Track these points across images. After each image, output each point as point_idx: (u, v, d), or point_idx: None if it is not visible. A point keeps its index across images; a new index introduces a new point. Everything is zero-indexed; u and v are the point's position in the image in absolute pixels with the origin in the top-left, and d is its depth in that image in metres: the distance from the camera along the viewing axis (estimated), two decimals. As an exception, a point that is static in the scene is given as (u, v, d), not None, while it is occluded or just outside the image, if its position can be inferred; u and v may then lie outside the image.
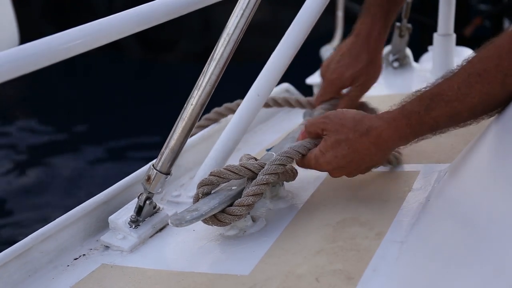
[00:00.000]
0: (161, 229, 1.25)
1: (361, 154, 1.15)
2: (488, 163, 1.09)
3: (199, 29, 5.78)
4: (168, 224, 1.25)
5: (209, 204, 1.13)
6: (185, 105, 1.19)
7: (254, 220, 1.18)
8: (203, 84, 1.18)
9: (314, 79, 1.96)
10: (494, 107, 1.11)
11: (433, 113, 1.10)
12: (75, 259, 1.20)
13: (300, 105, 1.65)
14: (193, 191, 1.37)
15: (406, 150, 1.42)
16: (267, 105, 1.65)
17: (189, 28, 5.83)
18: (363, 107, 1.55)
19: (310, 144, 1.21)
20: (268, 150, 1.34)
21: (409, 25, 1.97)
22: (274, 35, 1.45)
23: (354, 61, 1.51)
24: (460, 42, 2.02)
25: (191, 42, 5.82)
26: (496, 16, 5.98)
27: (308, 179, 1.34)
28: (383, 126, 1.13)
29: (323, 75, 1.57)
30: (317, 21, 1.39)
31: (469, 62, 1.10)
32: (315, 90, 1.95)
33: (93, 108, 5.45)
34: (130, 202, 1.27)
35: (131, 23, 1.08)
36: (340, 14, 3.63)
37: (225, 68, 1.18)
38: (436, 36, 1.94)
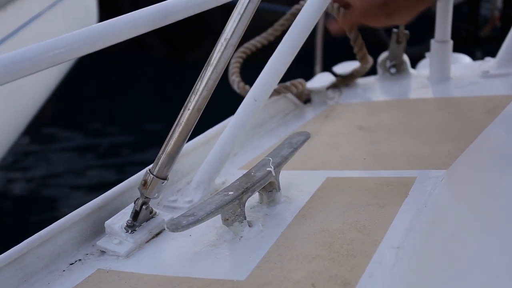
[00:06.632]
0: (157, 234, 1.25)
1: None
2: (485, 169, 1.09)
3: (222, 29, 5.76)
4: (164, 229, 1.25)
5: (206, 209, 1.13)
6: (182, 110, 1.19)
7: (250, 225, 1.18)
8: (200, 89, 1.17)
9: (313, 84, 1.97)
10: None
11: None
12: (71, 264, 1.19)
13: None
14: (189, 196, 1.38)
15: (403, 157, 1.43)
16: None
17: (212, 27, 5.83)
18: None
19: None
20: None
21: (407, 32, 1.98)
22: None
23: None
24: (476, 41, 2.04)
25: (214, 42, 5.79)
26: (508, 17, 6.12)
27: (305, 184, 1.34)
28: None
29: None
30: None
31: None
32: (313, 97, 1.95)
33: (114, 105, 5.44)
34: (127, 207, 1.26)
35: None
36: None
37: (222, 73, 1.18)
38: (433, 43, 1.95)
